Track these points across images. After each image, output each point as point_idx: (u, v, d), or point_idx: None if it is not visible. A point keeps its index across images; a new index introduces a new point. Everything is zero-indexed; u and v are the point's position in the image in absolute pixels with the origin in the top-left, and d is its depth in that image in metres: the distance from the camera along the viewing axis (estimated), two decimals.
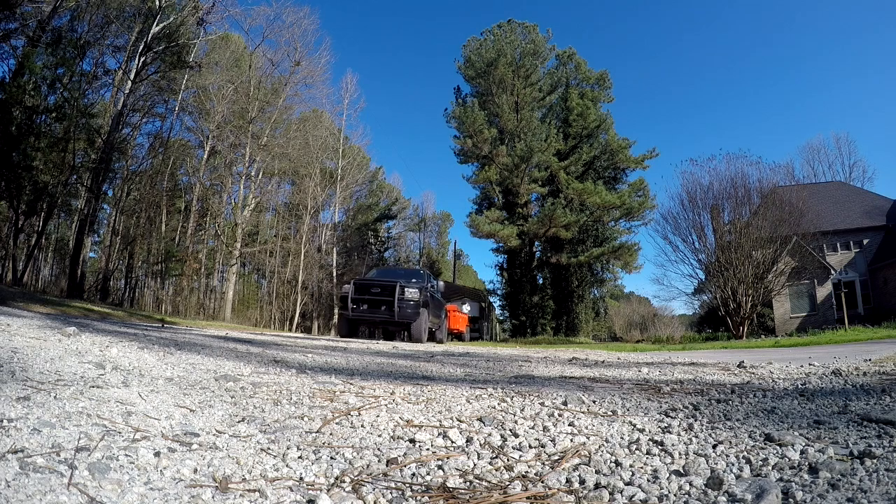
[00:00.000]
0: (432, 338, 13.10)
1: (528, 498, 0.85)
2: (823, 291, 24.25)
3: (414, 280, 10.63)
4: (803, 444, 1.17)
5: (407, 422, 1.37)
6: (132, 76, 14.10)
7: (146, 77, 15.54)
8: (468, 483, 0.93)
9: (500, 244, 32.64)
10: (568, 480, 0.94)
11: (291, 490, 0.85)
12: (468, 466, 1.02)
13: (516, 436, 1.28)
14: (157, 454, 0.90)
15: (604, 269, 35.52)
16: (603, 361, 4.73)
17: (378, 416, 1.41)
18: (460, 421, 1.43)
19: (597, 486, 0.91)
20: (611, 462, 1.06)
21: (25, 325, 2.20)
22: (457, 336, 20.90)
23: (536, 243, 32.70)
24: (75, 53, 13.41)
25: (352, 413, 1.42)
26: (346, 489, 0.87)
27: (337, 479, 0.91)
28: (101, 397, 1.20)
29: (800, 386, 2.36)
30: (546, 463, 1.06)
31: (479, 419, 1.45)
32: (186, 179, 24.78)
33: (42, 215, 14.74)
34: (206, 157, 21.75)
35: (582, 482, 0.93)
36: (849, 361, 3.94)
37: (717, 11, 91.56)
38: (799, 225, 19.84)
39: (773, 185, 20.42)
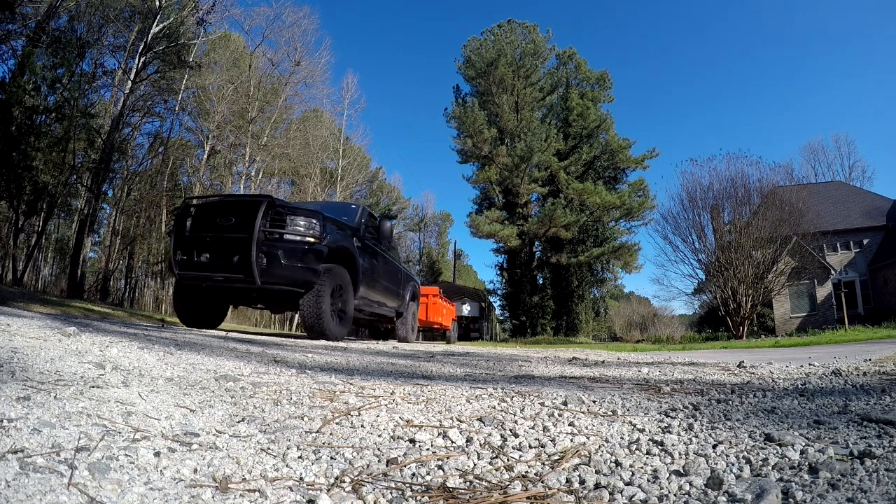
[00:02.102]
0: (390, 334, 8.45)
1: (528, 498, 0.85)
2: (823, 291, 24.27)
3: (325, 213, 5.24)
4: (803, 444, 1.17)
5: (407, 422, 1.37)
6: (132, 76, 14.11)
7: (146, 77, 15.54)
8: (468, 483, 0.93)
9: (500, 244, 32.68)
10: (568, 480, 0.94)
11: (291, 490, 0.85)
12: (468, 466, 1.02)
13: (516, 436, 1.28)
14: (157, 454, 0.90)
15: (604, 269, 35.57)
16: (603, 361, 4.73)
17: (378, 416, 1.41)
18: (460, 421, 1.43)
19: (597, 486, 0.91)
20: (611, 462, 1.06)
21: (25, 325, 2.20)
22: (439, 335, 15.88)
23: (536, 243, 32.73)
24: (75, 53, 13.41)
25: (352, 413, 1.42)
26: (346, 489, 0.87)
27: (337, 479, 0.91)
28: (101, 397, 1.20)
29: (800, 386, 2.36)
30: (546, 463, 1.06)
31: (479, 419, 1.45)
32: (186, 179, 24.75)
33: (42, 215, 14.75)
34: (206, 157, 21.75)
35: (582, 482, 0.93)
36: (849, 361, 3.94)
37: (718, 11, 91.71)
38: (799, 225, 19.86)
39: (773, 185, 20.45)
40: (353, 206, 6.82)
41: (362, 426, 1.31)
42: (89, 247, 19.42)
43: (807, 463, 1.02)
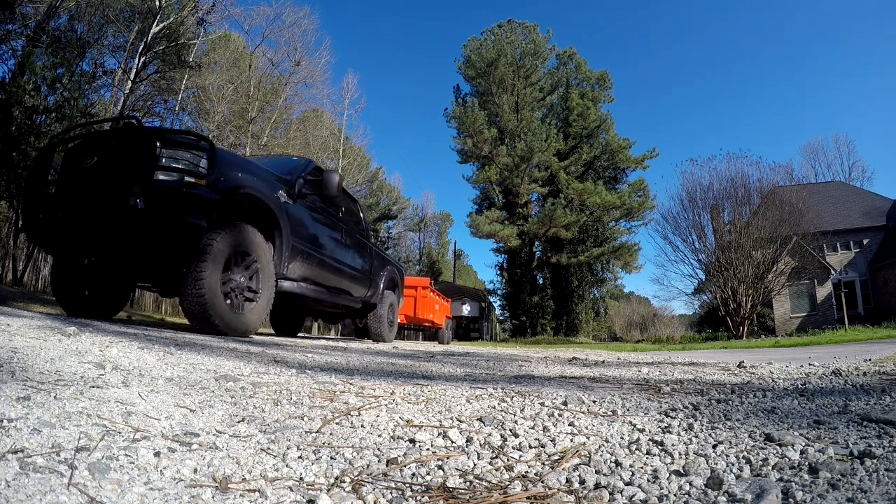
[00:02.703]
0: (366, 333, 6.99)
1: (528, 498, 0.85)
2: (823, 291, 24.27)
3: (261, 168, 4.19)
4: (803, 444, 1.17)
5: (407, 422, 1.37)
6: (132, 76, 14.11)
7: (146, 77, 15.55)
8: (468, 483, 0.93)
9: (501, 244, 32.72)
10: (568, 480, 0.94)
11: (291, 490, 0.85)
12: (468, 466, 1.02)
13: (516, 436, 1.28)
14: (157, 454, 0.90)
15: (604, 269, 35.64)
16: (603, 361, 4.73)
17: (378, 416, 1.41)
18: (460, 421, 1.43)
19: (597, 486, 0.91)
20: (611, 462, 1.06)
21: (25, 325, 2.20)
22: (431, 333, 14.65)
23: (536, 243, 32.76)
24: (75, 53, 13.41)
25: (352, 413, 1.42)
26: (346, 489, 0.87)
27: (337, 479, 0.91)
28: (101, 397, 1.20)
29: (800, 386, 2.36)
30: (546, 463, 1.06)
31: (479, 419, 1.45)
32: None
33: None
34: None
35: (582, 482, 0.93)
36: (849, 361, 3.94)
37: (718, 11, 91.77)
38: (799, 225, 19.88)
39: (773, 185, 20.49)
40: (296, 159, 5.34)
41: (362, 426, 1.31)
42: None
43: (807, 463, 1.02)
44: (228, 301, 3.69)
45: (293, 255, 4.43)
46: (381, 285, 6.79)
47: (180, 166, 3.31)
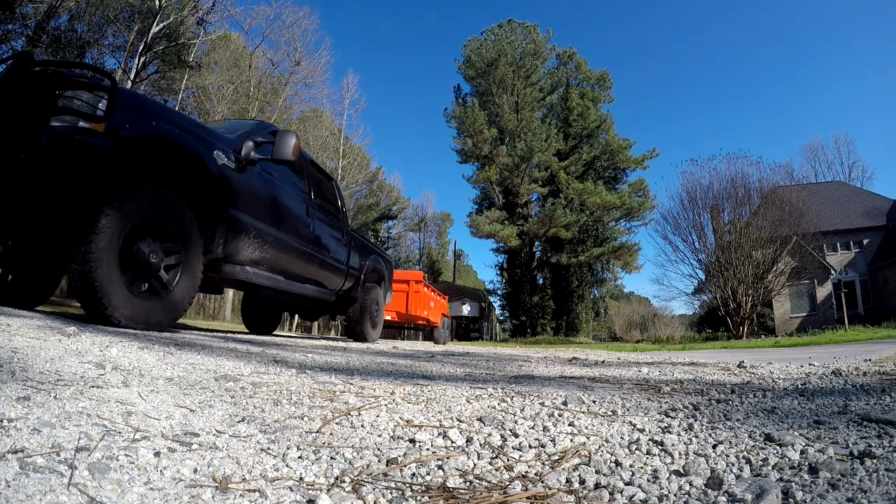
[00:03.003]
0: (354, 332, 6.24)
1: (528, 498, 0.85)
2: (823, 291, 24.27)
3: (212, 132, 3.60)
4: (803, 444, 1.17)
5: (407, 422, 1.37)
6: (132, 76, 14.11)
7: (146, 77, 15.55)
8: (468, 483, 0.93)
9: (501, 244, 32.73)
10: (568, 480, 0.94)
11: (291, 490, 0.85)
12: (468, 466, 1.02)
13: (516, 436, 1.28)
14: (157, 454, 0.90)
15: (604, 269, 35.65)
16: (603, 361, 4.73)
17: (378, 416, 1.41)
18: (460, 421, 1.43)
19: (597, 486, 0.91)
20: (611, 462, 1.06)
21: (25, 325, 2.20)
22: (427, 332, 13.57)
23: (536, 243, 32.77)
24: (75, 54, 13.41)
25: (352, 413, 1.42)
26: (346, 489, 0.87)
27: (337, 479, 0.91)
28: (101, 397, 1.20)
29: (800, 386, 2.36)
30: (546, 463, 1.06)
31: (479, 419, 1.45)
32: None
33: None
34: None
35: (582, 482, 0.93)
36: (849, 361, 3.94)
37: (718, 12, 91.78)
38: (799, 225, 19.89)
39: (773, 185, 20.50)
40: (249, 121, 4.64)
41: (362, 426, 1.31)
42: None
43: (807, 463, 1.02)
44: (131, 284, 2.94)
45: (237, 233, 3.69)
46: (363, 277, 6.11)
47: (72, 108, 2.66)
